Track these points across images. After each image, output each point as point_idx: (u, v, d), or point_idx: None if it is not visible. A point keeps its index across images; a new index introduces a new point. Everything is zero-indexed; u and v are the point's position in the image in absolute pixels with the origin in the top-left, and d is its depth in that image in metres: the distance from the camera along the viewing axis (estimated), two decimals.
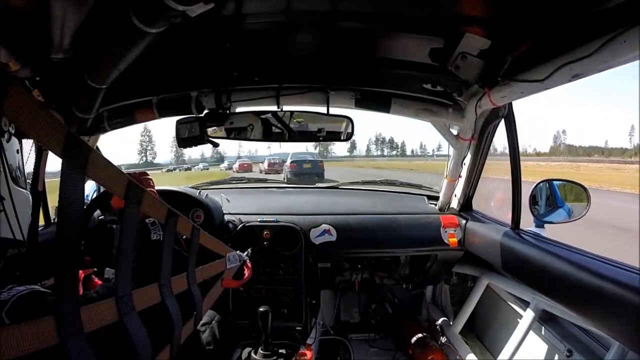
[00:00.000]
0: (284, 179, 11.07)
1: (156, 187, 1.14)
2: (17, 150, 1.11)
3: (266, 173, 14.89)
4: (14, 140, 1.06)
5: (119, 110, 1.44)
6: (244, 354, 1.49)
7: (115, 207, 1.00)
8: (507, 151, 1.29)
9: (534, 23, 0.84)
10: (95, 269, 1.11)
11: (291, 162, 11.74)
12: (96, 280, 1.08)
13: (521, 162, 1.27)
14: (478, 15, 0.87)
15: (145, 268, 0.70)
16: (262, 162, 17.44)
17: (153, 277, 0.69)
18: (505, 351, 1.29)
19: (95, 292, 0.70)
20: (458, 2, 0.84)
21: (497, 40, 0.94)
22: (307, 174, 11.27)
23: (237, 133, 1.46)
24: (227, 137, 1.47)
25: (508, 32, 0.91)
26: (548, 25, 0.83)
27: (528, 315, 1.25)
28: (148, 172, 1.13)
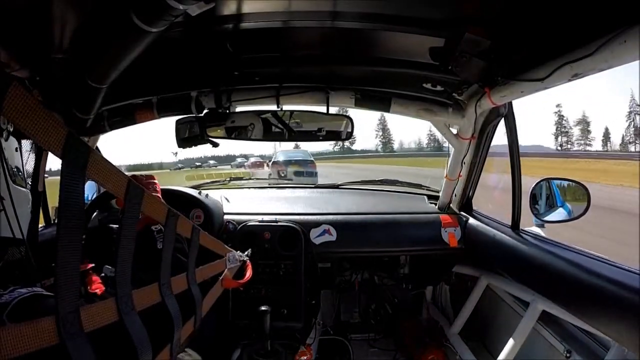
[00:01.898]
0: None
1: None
2: (16, 149, 1.11)
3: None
4: (12, 139, 1.06)
5: (118, 110, 1.44)
6: (244, 354, 1.49)
7: (119, 207, 0.99)
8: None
9: (534, 23, 0.84)
10: (94, 265, 1.11)
11: (273, 163, 9.58)
12: (94, 276, 1.08)
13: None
14: (478, 15, 0.87)
15: (150, 277, 0.70)
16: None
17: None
18: (505, 351, 1.29)
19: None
20: (458, 2, 0.84)
21: (497, 40, 0.94)
22: (294, 177, 8.46)
23: (237, 133, 1.46)
24: (227, 137, 1.47)
25: (508, 32, 0.91)
26: (548, 25, 0.83)
27: (528, 316, 1.25)
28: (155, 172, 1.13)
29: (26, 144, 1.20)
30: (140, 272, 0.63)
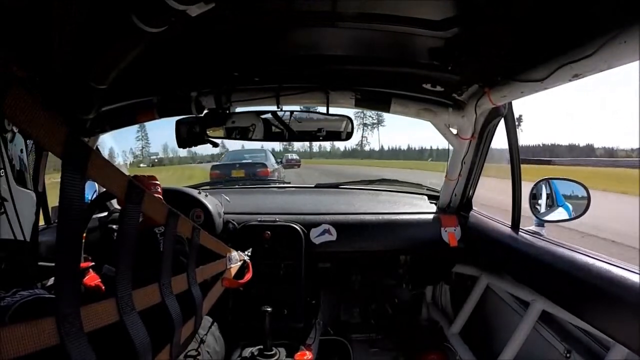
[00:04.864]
0: None
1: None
2: (21, 150, 1.11)
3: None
4: (18, 140, 1.05)
5: (119, 110, 1.44)
6: (244, 354, 1.49)
7: (121, 207, 0.97)
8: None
9: (534, 23, 0.84)
10: (93, 263, 1.11)
11: (212, 169, 7.94)
12: (92, 274, 1.08)
13: None
14: (478, 15, 0.87)
15: (150, 275, 0.70)
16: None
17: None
18: (505, 351, 1.29)
19: None
20: (458, 2, 0.84)
21: (498, 39, 0.94)
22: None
23: (238, 133, 1.46)
24: (228, 137, 1.47)
25: (508, 32, 0.91)
26: (548, 25, 0.83)
27: (527, 316, 1.25)
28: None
29: (29, 144, 1.20)
30: (140, 270, 0.63)
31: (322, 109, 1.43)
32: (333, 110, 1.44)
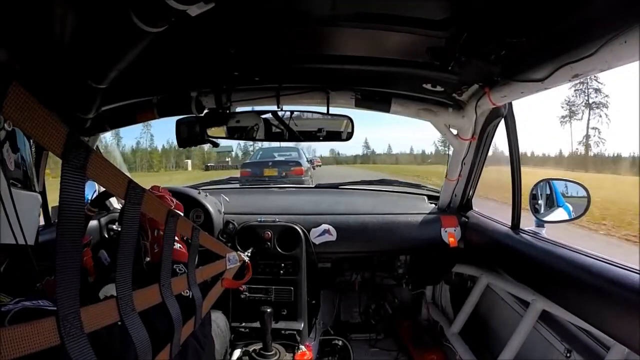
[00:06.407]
0: None
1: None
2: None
3: None
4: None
5: (119, 110, 1.44)
6: (244, 354, 1.49)
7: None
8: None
9: (535, 22, 0.84)
10: (91, 237, 1.11)
11: (242, 167, 7.68)
12: (88, 257, 1.08)
13: None
14: (478, 15, 0.87)
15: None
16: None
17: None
18: (505, 351, 1.29)
19: None
20: (458, 1, 0.84)
21: (497, 39, 0.94)
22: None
23: (239, 133, 1.47)
24: (229, 137, 1.47)
25: (508, 32, 0.91)
26: (548, 24, 0.83)
27: (527, 316, 1.25)
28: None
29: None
30: (136, 264, 0.63)
31: (323, 109, 1.44)
32: (333, 110, 1.45)
